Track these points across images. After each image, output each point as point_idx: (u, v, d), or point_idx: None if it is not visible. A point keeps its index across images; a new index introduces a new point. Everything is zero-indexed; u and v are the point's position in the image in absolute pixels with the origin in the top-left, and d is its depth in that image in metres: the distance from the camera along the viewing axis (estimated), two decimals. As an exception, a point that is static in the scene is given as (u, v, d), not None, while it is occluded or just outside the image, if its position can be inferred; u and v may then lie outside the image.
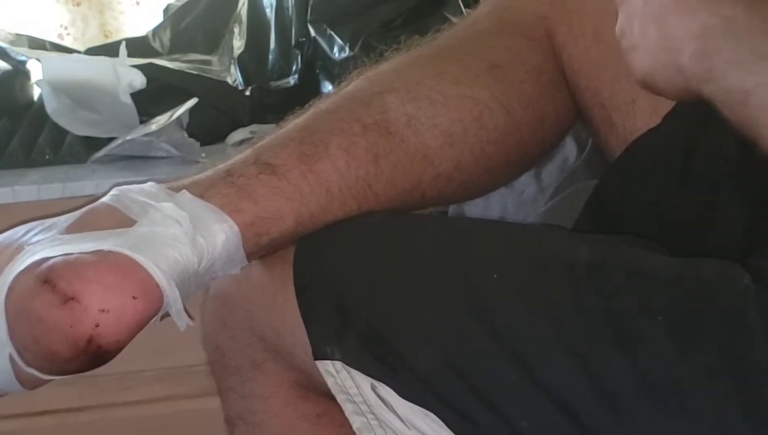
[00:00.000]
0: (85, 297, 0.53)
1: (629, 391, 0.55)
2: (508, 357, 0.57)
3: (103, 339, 0.54)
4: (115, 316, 0.54)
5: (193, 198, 0.60)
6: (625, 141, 0.71)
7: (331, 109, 0.67)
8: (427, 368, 0.59)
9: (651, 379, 0.55)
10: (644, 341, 0.55)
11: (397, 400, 0.60)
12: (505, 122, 0.70)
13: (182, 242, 0.57)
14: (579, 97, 0.74)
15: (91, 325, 0.53)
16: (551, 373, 0.56)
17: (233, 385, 0.73)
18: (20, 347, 0.56)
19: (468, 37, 0.73)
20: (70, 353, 0.54)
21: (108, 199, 0.61)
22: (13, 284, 0.56)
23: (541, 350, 0.57)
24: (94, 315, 0.53)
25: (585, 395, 0.56)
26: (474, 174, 0.70)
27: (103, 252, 0.55)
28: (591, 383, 0.56)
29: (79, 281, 0.54)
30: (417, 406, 0.60)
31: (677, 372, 0.54)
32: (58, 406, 1.17)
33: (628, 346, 0.55)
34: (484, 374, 0.58)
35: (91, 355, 0.54)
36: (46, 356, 0.55)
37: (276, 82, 1.41)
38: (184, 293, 0.58)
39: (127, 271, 0.55)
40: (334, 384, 0.62)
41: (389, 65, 0.71)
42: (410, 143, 0.67)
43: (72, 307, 0.53)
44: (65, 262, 0.55)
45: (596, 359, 0.56)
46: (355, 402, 0.62)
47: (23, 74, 1.36)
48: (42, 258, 0.56)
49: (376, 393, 0.61)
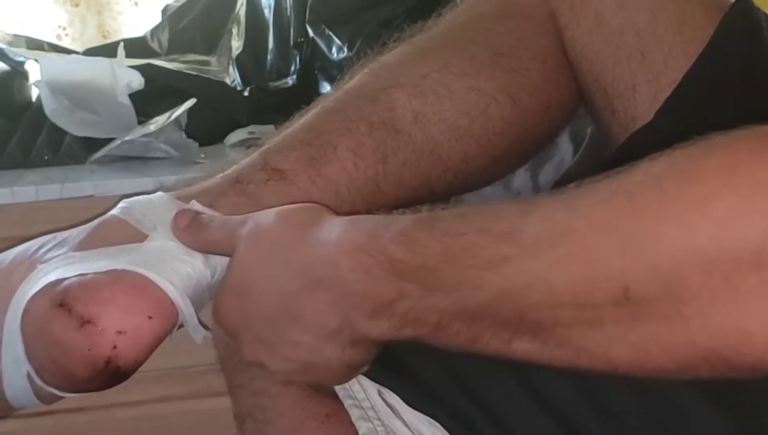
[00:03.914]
0: (101, 320, 0.54)
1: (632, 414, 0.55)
2: (512, 374, 0.57)
3: (120, 360, 0.54)
4: (132, 336, 0.54)
5: (203, 208, 0.60)
6: (626, 128, 0.71)
7: (338, 108, 0.67)
8: (431, 378, 0.59)
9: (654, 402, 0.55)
10: None
11: (403, 407, 0.60)
12: (512, 112, 0.69)
13: (195, 256, 0.57)
14: (581, 81, 0.73)
15: (108, 347, 0.54)
16: (554, 391, 0.56)
17: (243, 382, 0.73)
18: (38, 367, 0.56)
19: (470, 22, 0.73)
20: (89, 375, 0.54)
21: (118, 211, 0.60)
22: (29, 306, 0.56)
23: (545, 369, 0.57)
24: (111, 337, 0.54)
25: (586, 414, 0.56)
26: (481, 165, 0.70)
27: (117, 271, 0.55)
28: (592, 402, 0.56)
29: (94, 304, 0.54)
30: (422, 415, 0.60)
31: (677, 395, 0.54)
32: (57, 407, 1.16)
33: None
34: (488, 389, 0.58)
35: (109, 375, 0.55)
36: (64, 376, 0.55)
37: (274, 82, 1.41)
38: (199, 306, 0.58)
39: (142, 291, 0.55)
40: (341, 389, 0.62)
41: (393, 57, 0.71)
42: (418, 140, 0.67)
43: (89, 330, 0.53)
44: (80, 284, 0.55)
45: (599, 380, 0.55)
46: (362, 407, 0.62)
47: (21, 75, 1.35)
48: (57, 279, 0.56)
49: (383, 399, 0.61)
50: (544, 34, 0.72)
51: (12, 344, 0.56)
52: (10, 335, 0.56)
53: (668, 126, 0.68)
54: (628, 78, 0.70)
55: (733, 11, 0.69)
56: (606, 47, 0.71)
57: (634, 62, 0.70)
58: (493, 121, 0.69)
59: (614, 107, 0.72)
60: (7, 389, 0.58)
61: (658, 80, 0.69)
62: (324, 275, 0.51)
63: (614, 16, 0.63)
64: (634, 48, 0.70)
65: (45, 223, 0.73)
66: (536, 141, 0.74)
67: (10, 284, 0.58)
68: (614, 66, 0.71)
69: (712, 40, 0.68)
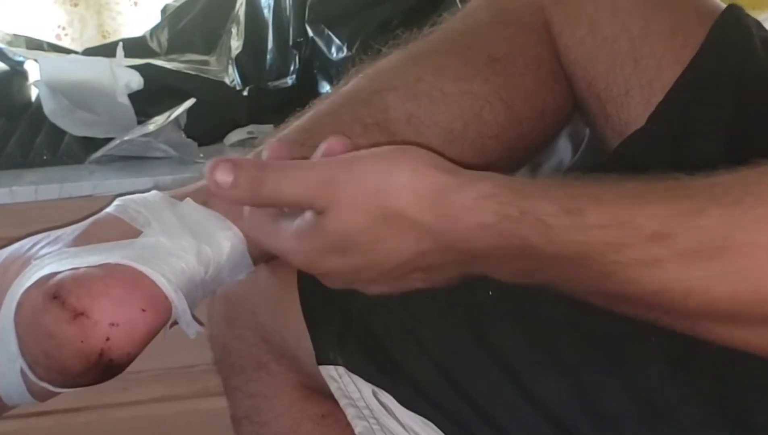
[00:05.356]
0: (94, 312, 0.54)
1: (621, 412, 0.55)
2: (503, 373, 0.57)
3: (114, 353, 0.54)
4: (125, 329, 0.54)
5: (197, 206, 0.60)
6: (620, 133, 0.71)
7: (332, 110, 0.67)
8: (424, 379, 0.60)
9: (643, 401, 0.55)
10: (636, 364, 0.55)
11: (397, 407, 0.61)
12: (506, 116, 0.70)
13: (188, 252, 0.58)
14: (575, 87, 0.74)
15: (101, 339, 0.54)
16: (544, 390, 0.57)
17: (239, 384, 0.73)
18: (31, 362, 0.56)
19: (466, 29, 0.73)
20: (82, 367, 0.55)
21: (112, 209, 0.61)
22: (22, 299, 0.56)
23: (535, 368, 0.57)
24: (104, 329, 0.54)
25: (578, 414, 0.56)
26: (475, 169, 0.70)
27: (111, 265, 0.56)
28: (583, 403, 0.56)
29: (87, 296, 0.54)
30: (416, 415, 0.60)
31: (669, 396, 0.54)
32: (56, 407, 1.16)
33: (620, 367, 0.55)
34: (480, 388, 0.58)
35: (102, 368, 0.55)
36: (57, 370, 0.55)
37: (274, 82, 1.41)
38: (192, 302, 0.58)
39: (135, 284, 0.55)
40: (336, 389, 0.63)
41: (388, 62, 0.71)
42: (411, 142, 0.66)
43: (82, 322, 0.54)
44: (73, 276, 0.55)
45: (588, 380, 0.56)
46: (358, 407, 0.62)
47: (21, 75, 1.35)
48: (50, 273, 0.56)
49: (378, 399, 0.61)
50: (539, 41, 0.73)
51: (5, 340, 0.57)
52: (3, 331, 0.57)
53: (661, 130, 0.68)
54: (621, 83, 0.71)
55: (724, 18, 0.70)
56: (599, 54, 0.71)
57: (627, 68, 0.70)
58: (488, 124, 0.69)
59: (608, 112, 0.72)
60: (1, 386, 0.59)
61: (651, 85, 0.69)
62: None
63: (608, 23, 0.63)
64: (627, 54, 0.70)
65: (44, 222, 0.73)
66: (531, 146, 0.74)
67: (4, 282, 0.58)
68: (607, 72, 0.71)
69: (703, 46, 0.68)
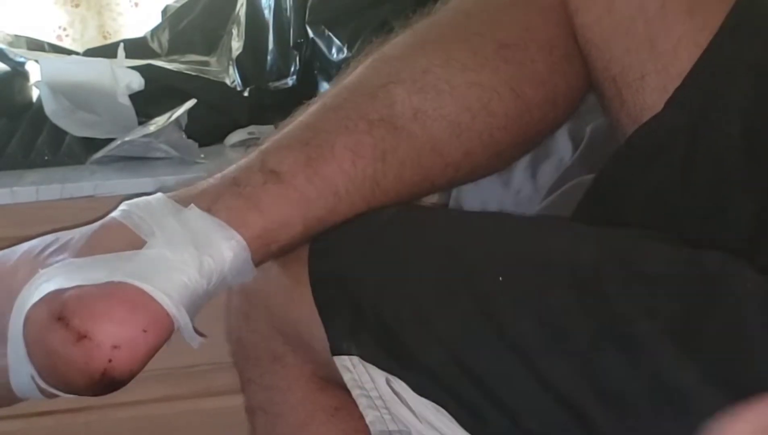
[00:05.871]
0: (97, 334, 0.55)
1: (632, 393, 0.55)
2: (514, 357, 0.57)
3: (116, 371, 0.56)
4: (127, 350, 0.55)
5: (201, 213, 0.60)
6: (636, 119, 0.69)
7: (337, 105, 0.67)
8: (436, 365, 0.59)
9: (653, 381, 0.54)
10: (645, 344, 0.55)
11: (410, 395, 0.61)
12: (515, 106, 0.68)
13: (190, 266, 0.58)
14: (591, 68, 0.72)
15: (104, 360, 0.55)
16: (555, 374, 0.56)
17: (254, 376, 0.73)
18: (39, 370, 0.58)
19: (476, 10, 0.71)
20: (85, 384, 0.56)
21: (118, 214, 0.61)
22: (30, 314, 0.58)
23: (545, 351, 0.57)
24: (106, 351, 0.55)
25: (588, 396, 0.55)
26: (483, 159, 0.69)
27: (114, 283, 0.57)
28: (594, 385, 0.55)
29: (90, 318, 0.55)
30: (429, 401, 0.60)
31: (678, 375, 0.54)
32: (57, 407, 1.17)
33: (629, 348, 0.55)
34: (491, 373, 0.58)
35: (105, 385, 0.56)
36: (62, 382, 0.57)
37: (274, 83, 1.41)
38: (194, 312, 0.59)
39: (137, 303, 0.56)
40: (350, 379, 0.63)
41: (395, 49, 0.70)
42: (418, 137, 0.66)
43: (85, 344, 0.55)
44: (78, 297, 0.56)
45: (598, 361, 0.56)
46: (370, 396, 0.62)
47: (22, 75, 1.35)
48: (56, 290, 0.57)
49: (391, 387, 0.61)
50: (553, 21, 0.71)
51: (16, 345, 0.59)
52: (13, 337, 0.59)
53: (678, 117, 0.67)
54: (637, 68, 0.69)
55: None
56: (615, 35, 0.70)
57: (643, 51, 0.69)
58: (496, 116, 0.68)
59: (623, 97, 0.70)
60: (13, 381, 0.60)
61: (668, 70, 0.68)
62: None
63: (625, 2, 0.62)
64: (643, 36, 0.68)
65: (45, 223, 0.74)
66: (541, 132, 0.73)
67: (15, 282, 0.60)
68: (623, 55, 0.70)
69: (721, 29, 0.66)
